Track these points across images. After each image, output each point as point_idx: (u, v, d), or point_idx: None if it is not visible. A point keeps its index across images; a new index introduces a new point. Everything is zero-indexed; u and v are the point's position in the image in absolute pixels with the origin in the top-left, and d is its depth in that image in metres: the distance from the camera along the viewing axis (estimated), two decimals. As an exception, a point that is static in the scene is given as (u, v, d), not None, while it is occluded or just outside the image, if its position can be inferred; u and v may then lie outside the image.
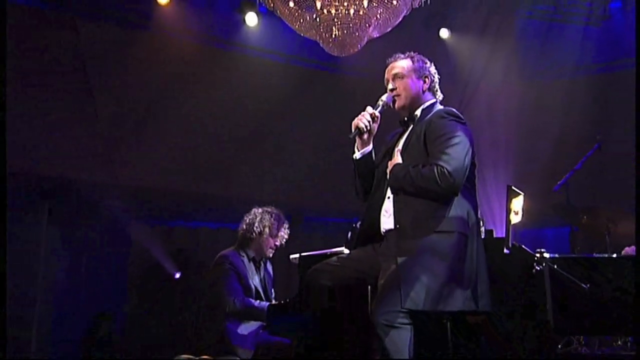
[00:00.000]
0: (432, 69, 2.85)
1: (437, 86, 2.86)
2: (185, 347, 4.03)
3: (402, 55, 2.83)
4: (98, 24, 6.58)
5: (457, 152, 2.50)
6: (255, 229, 3.88)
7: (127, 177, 6.49)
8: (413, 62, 2.79)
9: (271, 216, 3.93)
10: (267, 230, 3.89)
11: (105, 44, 6.52)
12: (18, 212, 7.01)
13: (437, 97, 2.85)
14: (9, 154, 6.36)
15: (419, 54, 2.87)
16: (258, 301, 3.75)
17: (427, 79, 2.80)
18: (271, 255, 3.99)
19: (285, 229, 3.98)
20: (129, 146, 6.43)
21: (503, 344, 3.16)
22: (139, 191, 6.71)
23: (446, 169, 2.44)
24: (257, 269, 3.96)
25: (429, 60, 2.88)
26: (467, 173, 2.52)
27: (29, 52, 6.15)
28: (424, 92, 2.79)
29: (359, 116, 2.69)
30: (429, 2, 4.01)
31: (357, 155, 2.78)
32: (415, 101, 2.77)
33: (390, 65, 2.82)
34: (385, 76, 2.82)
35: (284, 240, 3.99)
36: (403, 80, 2.75)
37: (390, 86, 2.77)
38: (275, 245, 3.96)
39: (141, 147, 6.46)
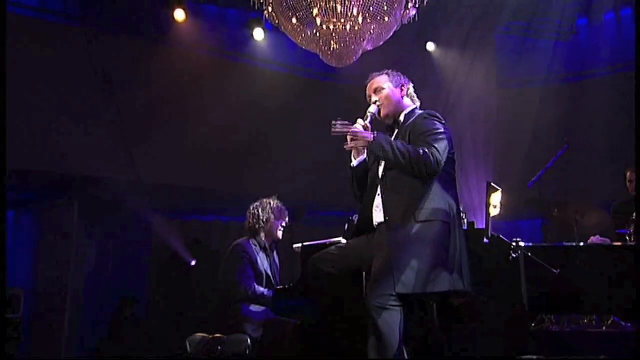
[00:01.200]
0: (407, 80, 2.87)
1: (413, 92, 2.88)
2: (200, 327, 4.02)
3: (378, 73, 2.86)
4: (122, 39, 6.65)
5: (440, 145, 2.54)
6: (262, 217, 3.90)
7: (149, 175, 6.50)
8: (389, 75, 2.84)
9: (270, 203, 3.94)
10: (272, 215, 3.91)
11: (128, 56, 6.56)
12: (52, 207, 7.03)
13: (415, 102, 2.87)
14: (46, 157, 6.39)
15: (408, 65, 2.90)
16: (266, 289, 3.76)
17: (403, 87, 2.83)
18: (281, 236, 3.99)
19: (285, 212, 3.99)
20: (149, 148, 6.44)
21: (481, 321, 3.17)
22: (158, 188, 6.72)
23: (436, 156, 2.49)
24: (268, 256, 3.97)
25: (410, 71, 2.90)
26: (443, 164, 2.54)
27: (62, 64, 6.18)
28: (403, 98, 2.82)
29: (352, 128, 2.66)
30: (416, 19, 4.01)
31: (355, 163, 2.81)
32: (397, 107, 2.80)
33: (370, 82, 2.85)
34: (367, 93, 2.85)
35: (286, 217, 3.99)
36: (383, 92, 2.78)
37: (374, 99, 2.79)
38: (282, 226, 3.97)
39: (161, 148, 6.46)
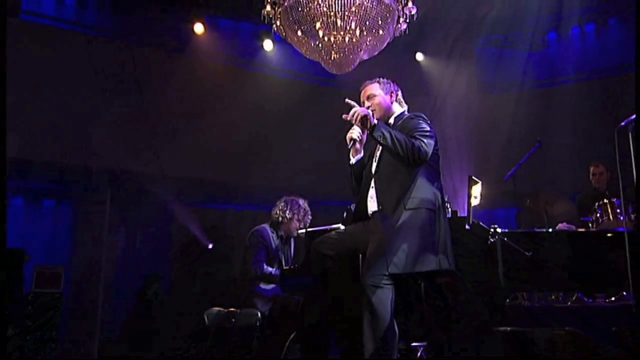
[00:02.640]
0: (395, 86, 2.83)
1: (401, 97, 2.85)
2: (216, 302, 4.03)
3: (370, 81, 2.83)
4: (150, 50, 6.67)
5: (428, 140, 2.53)
6: (287, 215, 3.88)
7: (171, 169, 6.49)
8: (380, 83, 2.80)
9: (299, 206, 3.92)
10: (295, 217, 3.89)
11: (155, 64, 6.59)
12: (87, 197, 7.04)
13: (403, 106, 2.84)
14: (84, 153, 6.41)
15: (399, 73, 2.87)
16: (275, 269, 3.76)
17: (392, 94, 2.80)
18: (296, 234, 3.97)
19: (309, 216, 3.97)
20: (172, 145, 6.42)
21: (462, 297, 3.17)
22: (180, 180, 6.72)
23: (423, 147, 2.48)
24: (283, 244, 3.96)
25: (400, 78, 2.87)
26: (429, 155, 2.52)
27: (99, 71, 6.20)
28: (392, 103, 2.79)
29: (351, 130, 2.67)
30: (407, 32, 3.99)
31: (353, 161, 2.79)
32: (388, 111, 2.77)
33: (364, 89, 2.82)
34: (361, 98, 2.81)
35: (309, 219, 3.97)
36: (375, 98, 2.76)
37: (367, 104, 2.76)
38: (300, 227, 3.94)
39: (182, 146, 6.46)
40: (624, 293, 3.90)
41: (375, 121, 2.54)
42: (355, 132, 2.66)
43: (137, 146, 6.26)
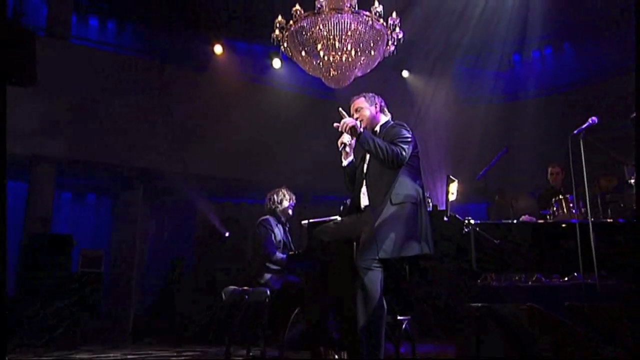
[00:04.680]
0: (379, 98, 2.77)
1: (385, 107, 2.78)
2: (232, 281, 4.00)
3: (358, 96, 2.77)
4: (176, 67, 6.67)
5: (406, 146, 2.49)
6: (277, 200, 3.84)
7: (193, 168, 6.49)
8: (365, 97, 2.74)
9: (282, 190, 3.87)
10: (284, 198, 3.84)
11: (181, 80, 6.60)
12: (124, 191, 7.02)
13: (387, 115, 2.77)
14: (121, 155, 6.47)
15: (388, 87, 2.83)
16: (283, 254, 3.73)
17: (376, 105, 2.73)
18: (291, 213, 3.89)
19: (292, 194, 3.89)
20: (194, 148, 6.41)
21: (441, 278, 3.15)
22: (201, 178, 6.71)
23: (402, 152, 2.46)
24: (283, 228, 3.93)
25: (387, 92, 2.83)
26: (407, 158, 2.50)
27: (134, 89, 6.21)
28: (377, 113, 2.72)
29: (342, 136, 2.63)
30: (395, 53, 3.97)
31: (345, 163, 2.74)
32: (373, 121, 2.71)
33: (353, 103, 2.76)
34: (351, 111, 2.76)
35: (294, 202, 3.91)
36: (362, 110, 2.70)
37: (355, 116, 2.71)
38: (292, 205, 3.88)
39: (202, 148, 6.44)
40: (575, 274, 3.88)
41: (362, 130, 2.52)
42: (345, 137, 2.64)
43: (165, 149, 6.27)
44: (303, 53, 3.91)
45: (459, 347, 2.19)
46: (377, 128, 2.71)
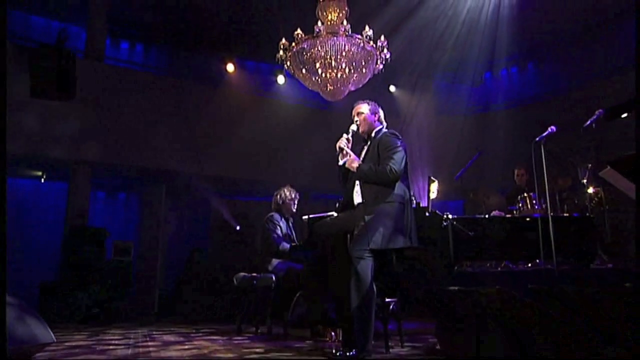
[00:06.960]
0: (379, 108, 2.74)
1: (382, 117, 2.74)
2: (242, 268, 3.97)
3: (362, 101, 2.73)
4: (194, 83, 6.62)
5: (398, 158, 2.44)
6: (280, 198, 3.81)
7: (209, 170, 6.44)
8: (368, 104, 2.70)
9: (286, 190, 3.83)
10: (287, 197, 3.81)
11: (198, 94, 6.54)
12: (149, 190, 6.99)
13: (383, 124, 2.74)
14: (147, 157, 6.45)
15: (377, 100, 2.80)
16: (288, 245, 3.69)
17: (376, 114, 2.69)
18: (295, 210, 3.84)
19: (296, 192, 3.86)
20: (209, 152, 6.37)
21: (423, 265, 3.13)
22: (215, 178, 6.68)
23: (393, 168, 2.39)
24: (287, 223, 3.89)
25: (379, 104, 2.80)
26: (403, 170, 2.45)
27: (156, 104, 6.19)
28: (375, 121, 2.68)
29: (340, 139, 2.59)
30: (383, 70, 3.96)
31: (341, 163, 2.68)
32: (370, 127, 2.66)
33: (356, 107, 2.72)
34: (352, 113, 2.71)
35: (297, 199, 3.86)
36: (362, 115, 2.66)
37: (355, 119, 2.67)
38: (294, 202, 3.81)
39: (217, 152, 6.41)
40: (537, 261, 3.87)
41: (356, 165, 2.50)
42: (342, 142, 2.61)
43: (184, 153, 6.23)
44: (303, 70, 3.91)
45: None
46: (373, 133, 2.66)
